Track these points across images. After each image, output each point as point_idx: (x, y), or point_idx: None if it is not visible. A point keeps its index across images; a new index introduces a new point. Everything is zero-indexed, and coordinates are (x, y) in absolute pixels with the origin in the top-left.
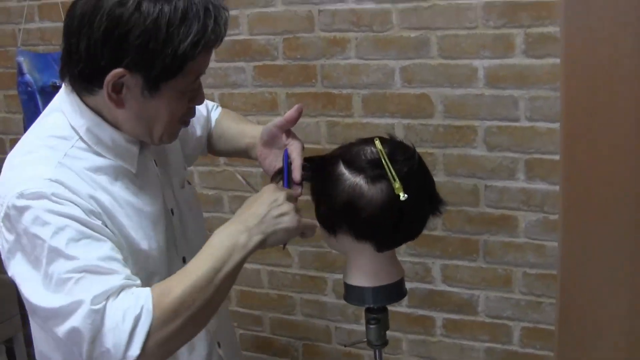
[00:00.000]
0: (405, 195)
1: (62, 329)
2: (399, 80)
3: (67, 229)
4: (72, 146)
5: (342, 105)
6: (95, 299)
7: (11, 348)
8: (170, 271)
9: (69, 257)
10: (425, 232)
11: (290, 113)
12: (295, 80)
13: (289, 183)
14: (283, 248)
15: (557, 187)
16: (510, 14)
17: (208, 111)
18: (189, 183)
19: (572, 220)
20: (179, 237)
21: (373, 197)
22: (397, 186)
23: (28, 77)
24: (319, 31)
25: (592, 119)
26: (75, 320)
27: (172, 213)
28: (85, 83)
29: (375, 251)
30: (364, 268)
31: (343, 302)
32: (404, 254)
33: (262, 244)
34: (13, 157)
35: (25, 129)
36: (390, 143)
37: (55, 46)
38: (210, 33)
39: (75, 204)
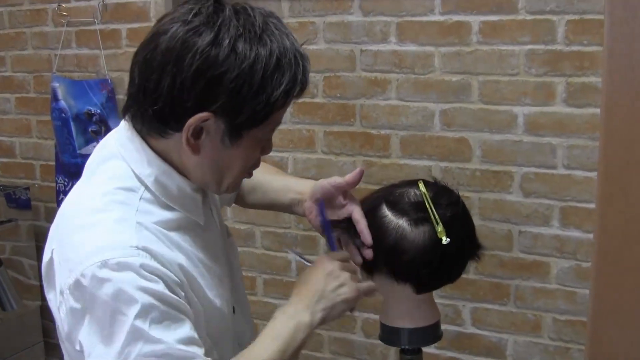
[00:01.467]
0: (448, 240)
1: None
2: (438, 123)
3: (152, 310)
4: (141, 198)
5: (380, 146)
6: None
7: None
8: (235, 328)
9: (150, 340)
10: None
11: (352, 176)
12: (333, 118)
13: (333, 243)
14: (351, 312)
15: (590, 236)
16: (553, 63)
17: None
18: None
19: (605, 269)
20: (233, 288)
21: (415, 239)
22: (440, 230)
23: (62, 103)
24: (360, 70)
25: (630, 170)
26: None
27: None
28: (159, 124)
29: (414, 293)
30: (402, 309)
31: (371, 341)
32: (435, 295)
33: (323, 320)
34: (77, 214)
35: (57, 155)
36: (434, 186)
37: (91, 73)
38: (299, 83)
39: (161, 279)
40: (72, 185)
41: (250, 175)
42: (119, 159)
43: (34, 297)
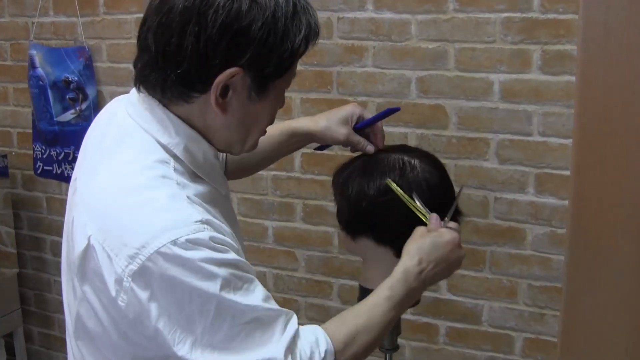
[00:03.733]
0: (431, 215)
1: None
2: (414, 90)
3: (232, 279)
4: (174, 170)
5: None
6: (287, 351)
7: (10, 343)
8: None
9: (240, 310)
10: None
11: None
12: (310, 85)
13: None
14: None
15: (565, 202)
16: (529, 31)
17: None
18: None
19: (579, 235)
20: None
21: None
22: (424, 216)
23: (40, 70)
24: (337, 38)
25: (604, 137)
26: None
27: None
28: (183, 88)
29: (394, 256)
30: (382, 272)
31: (347, 307)
32: None
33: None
34: (117, 194)
35: (34, 123)
36: (417, 152)
37: (69, 41)
38: (315, 27)
39: (229, 247)
40: (49, 152)
41: (264, 132)
42: (141, 132)
43: (11, 264)
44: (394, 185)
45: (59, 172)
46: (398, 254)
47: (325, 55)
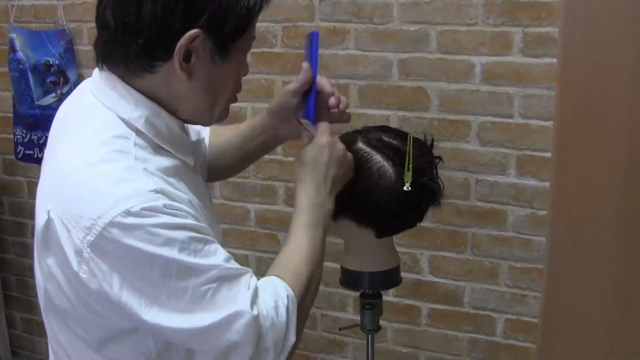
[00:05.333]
0: (410, 188)
1: (215, 348)
2: (396, 72)
3: (190, 242)
4: (135, 144)
5: None
6: (251, 304)
7: None
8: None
9: (201, 270)
10: None
11: (305, 74)
12: (292, 68)
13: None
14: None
15: (546, 184)
16: (510, 13)
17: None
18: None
19: (560, 217)
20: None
21: (383, 177)
22: (408, 175)
23: (20, 54)
24: (319, 20)
25: (585, 119)
26: (236, 336)
27: None
28: (146, 58)
29: (375, 237)
30: (363, 253)
31: (330, 289)
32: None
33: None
34: (76, 169)
35: (15, 106)
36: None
37: (49, 24)
38: None
39: (186, 213)
40: (30, 136)
41: (235, 99)
42: (103, 108)
43: None
44: (409, 143)
45: (40, 156)
46: (379, 234)
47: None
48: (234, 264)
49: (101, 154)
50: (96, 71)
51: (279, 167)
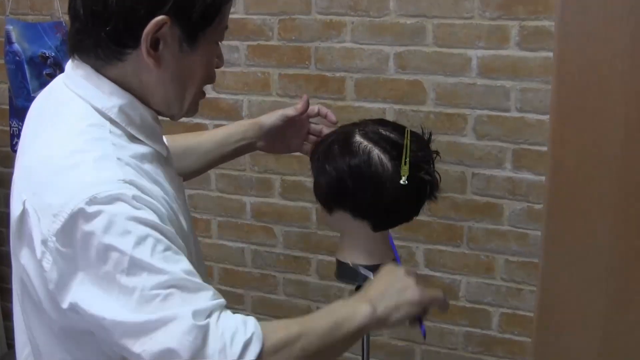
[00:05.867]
0: (406, 182)
1: (149, 348)
2: (392, 66)
3: (148, 239)
4: (110, 132)
5: (335, 89)
6: (196, 314)
7: None
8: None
9: (154, 271)
10: None
11: (303, 105)
12: (288, 61)
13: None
14: (419, 321)
15: (542, 178)
16: (507, 7)
17: None
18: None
19: (556, 211)
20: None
21: (378, 170)
22: (405, 168)
23: (16, 46)
24: (315, 14)
25: (581, 113)
26: (171, 339)
27: None
28: (115, 46)
29: (371, 231)
30: (359, 246)
31: (326, 282)
32: None
33: (388, 319)
34: (51, 159)
35: (11, 99)
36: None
37: (46, 16)
38: None
39: (152, 209)
40: None
41: (204, 94)
42: (76, 99)
43: None
44: (407, 136)
45: None
46: (374, 227)
47: (304, 30)
48: (195, 278)
49: (76, 143)
50: (69, 64)
51: (275, 161)
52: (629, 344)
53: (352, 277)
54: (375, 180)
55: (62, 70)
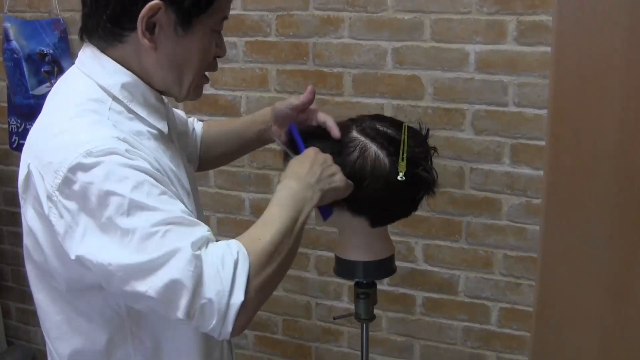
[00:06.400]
0: (403, 177)
1: (155, 284)
2: (390, 61)
3: (145, 183)
4: (110, 109)
5: (333, 84)
6: (194, 244)
7: None
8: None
9: (152, 209)
10: None
11: (306, 95)
12: (286, 57)
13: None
14: (324, 220)
15: (541, 173)
16: (504, 2)
17: (188, 121)
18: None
19: (555, 205)
20: (198, 212)
21: (377, 166)
22: (402, 164)
23: (14, 43)
24: (313, 9)
25: (579, 108)
26: (175, 270)
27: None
28: (115, 28)
29: (369, 226)
30: (357, 243)
31: (324, 278)
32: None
33: (320, 201)
34: (49, 126)
35: (10, 96)
36: (396, 123)
37: (44, 13)
38: None
39: (146, 160)
40: (25, 126)
41: (207, 79)
42: (82, 77)
43: None
44: (404, 132)
45: None
46: (373, 223)
47: (301, 26)
48: (191, 217)
49: (75, 111)
50: (81, 49)
51: (273, 156)
52: (627, 338)
53: (351, 273)
54: (373, 177)
55: (60, 66)
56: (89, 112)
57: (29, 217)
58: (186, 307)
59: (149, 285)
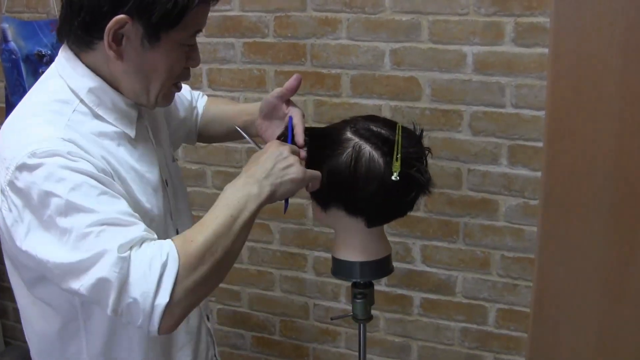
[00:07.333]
0: (398, 178)
1: (85, 283)
2: (388, 62)
3: (84, 185)
4: (74, 110)
5: (331, 85)
6: (121, 247)
7: None
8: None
9: (87, 211)
10: None
11: (291, 82)
12: (284, 58)
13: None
14: (284, 211)
15: (538, 174)
16: (502, 3)
17: (193, 99)
18: (175, 160)
19: (552, 206)
20: (173, 208)
21: (371, 167)
22: (397, 164)
23: (12, 44)
24: (310, 10)
25: (576, 109)
26: (102, 270)
27: (167, 184)
28: (85, 35)
29: (365, 227)
30: (354, 243)
31: (322, 279)
32: (385, 233)
33: (272, 195)
34: (13, 122)
35: (7, 97)
36: (387, 123)
37: (42, 14)
38: None
39: (90, 162)
40: None
41: (179, 88)
42: (57, 77)
43: None
44: (398, 133)
45: None
46: (369, 224)
47: (299, 27)
48: (129, 218)
49: (35, 110)
50: (61, 48)
51: None
52: (624, 338)
53: (348, 274)
54: (368, 177)
55: None
56: (49, 111)
57: None
58: (113, 304)
59: (81, 284)
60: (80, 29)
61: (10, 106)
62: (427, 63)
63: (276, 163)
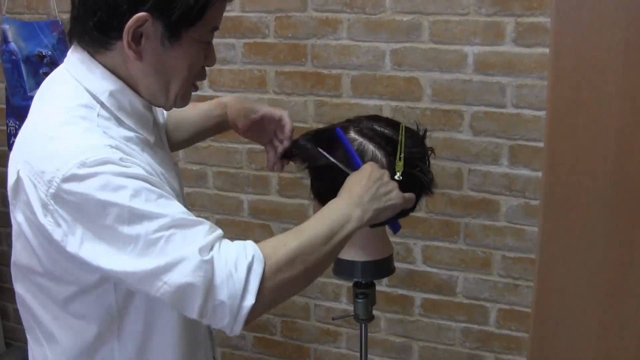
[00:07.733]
0: (401, 177)
1: (166, 289)
2: (389, 62)
3: (143, 191)
4: (98, 115)
5: (331, 85)
6: (202, 250)
7: None
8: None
9: (153, 216)
10: None
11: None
12: (285, 59)
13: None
14: (395, 232)
15: (539, 174)
16: (502, 3)
17: None
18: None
19: (553, 207)
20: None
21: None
22: (400, 164)
23: (13, 45)
24: (311, 11)
25: (577, 109)
26: (185, 275)
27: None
28: (102, 35)
29: (368, 226)
30: (355, 243)
31: (323, 279)
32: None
33: (373, 219)
34: (38, 132)
35: (8, 98)
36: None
37: (42, 15)
38: None
39: (140, 167)
40: None
41: (196, 87)
42: (71, 80)
43: None
44: (402, 132)
45: None
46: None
47: (300, 28)
48: (190, 216)
49: (65, 117)
50: (70, 49)
51: None
52: (625, 338)
53: (350, 274)
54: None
55: None
56: (79, 118)
57: (20, 221)
58: (199, 308)
59: (162, 292)
60: (96, 29)
61: (10, 107)
62: (428, 63)
63: (379, 187)
